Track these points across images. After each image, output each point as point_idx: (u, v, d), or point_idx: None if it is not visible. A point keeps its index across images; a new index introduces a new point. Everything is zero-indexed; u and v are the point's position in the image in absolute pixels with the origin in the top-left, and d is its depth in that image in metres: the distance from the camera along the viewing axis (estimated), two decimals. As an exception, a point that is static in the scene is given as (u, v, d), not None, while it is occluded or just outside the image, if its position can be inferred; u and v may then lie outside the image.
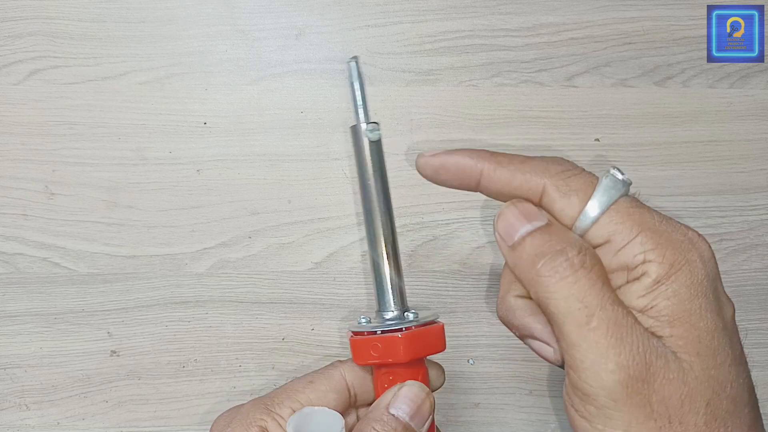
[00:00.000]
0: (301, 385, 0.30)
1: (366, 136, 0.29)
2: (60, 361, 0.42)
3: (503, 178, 0.26)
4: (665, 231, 0.24)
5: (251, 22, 0.40)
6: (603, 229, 0.24)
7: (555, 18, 0.41)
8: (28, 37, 0.40)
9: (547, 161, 0.26)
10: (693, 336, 0.22)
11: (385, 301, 0.30)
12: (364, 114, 0.30)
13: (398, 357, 0.28)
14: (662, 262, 0.23)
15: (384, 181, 0.30)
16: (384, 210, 0.30)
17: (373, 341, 0.29)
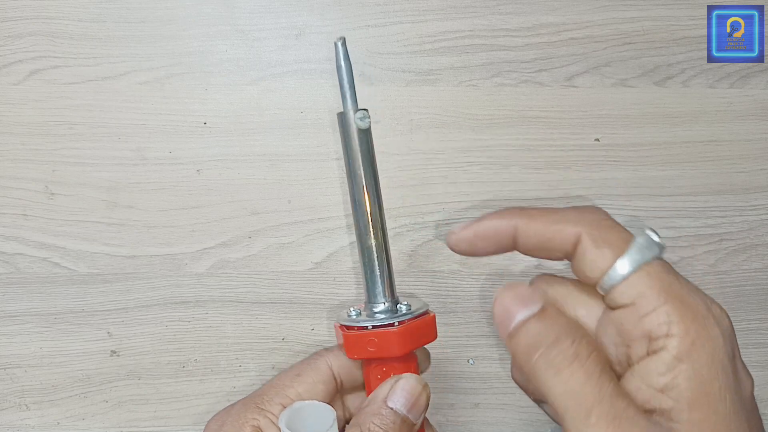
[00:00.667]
0: (289, 379, 0.30)
1: (355, 124, 0.28)
2: (60, 361, 0.42)
3: (538, 231, 0.26)
4: (691, 303, 0.23)
5: (251, 22, 0.40)
6: (631, 289, 0.23)
7: (555, 18, 0.41)
8: (28, 37, 0.40)
9: (581, 211, 0.26)
10: (711, 421, 0.22)
11: (375, 293, 0.30)
12: (352, 100, 0.29)
13: (394, 351, 0.28)
14: (684, 337, 0.22)
15: (374, 169, 0.29)
16: (373, 200, 0.29)
17: (368, 336, 0.28)
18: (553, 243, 0.26)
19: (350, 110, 0.29)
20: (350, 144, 0.29)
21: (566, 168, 0.42)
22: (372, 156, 0.29)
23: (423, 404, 0.29)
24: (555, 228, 0.25)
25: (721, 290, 0.44)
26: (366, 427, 0.27)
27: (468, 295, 0.43)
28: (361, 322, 0.29)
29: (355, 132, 0.28)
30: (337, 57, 0.29)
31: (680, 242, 0.44)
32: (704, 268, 0.44)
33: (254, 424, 0.28)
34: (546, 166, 0.42)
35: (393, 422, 0.27)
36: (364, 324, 0.29)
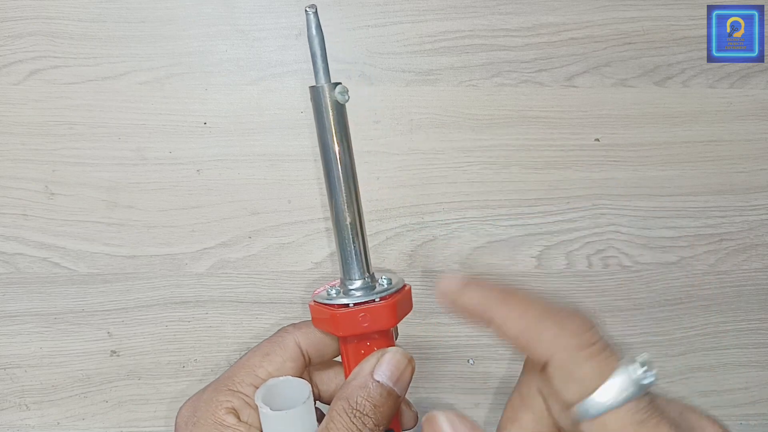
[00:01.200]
0: (258, 358, 0.30)
1: (335, 99, 0.27)
2: (60, 361, 0.42)
3: (511, 336, 0.24)
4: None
5: (251, 22, 0.40)
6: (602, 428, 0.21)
7: (555, 18, 0.41)
8: (28, 37, 0.40)
9: (562, 326, 0.22)
10: None
11: (354, 268, 0.29)
12: (325, 73, 0.28)
13: (386, 324, 0.29)
14: None
15: (349, 145, 0.29)
16: (349, 175, 0.29)
17: (359, 312, 0.28)
18: (526, 352, 0.24)
19: (325, 84, 0.28)
20: (326, 119, 0.28)
21: (566, 168, 0.42)
22: (347, 132, 0.29)
23: (408, 377, 0.29)
24: (527, 340, 0.23)
25: (721, 290, 0.44)
26: (354, 400, 0.27)
27: (468, 295, 0.43)
28: (353, 298, 0.29)
29: (331, 107, 0.28)
30: (308, 27, 0.27)
31: (680, 242, 0.44)
32: (704, 268, 0.44)
33: (228, 405, 0.28)
34: (546, 166, 0.42)
35: (380, 395, 0.27)
36: (359, 300, 0.28)
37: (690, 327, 0.45)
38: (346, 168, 0.29)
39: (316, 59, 0.28)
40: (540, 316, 0.23)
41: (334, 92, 0.28)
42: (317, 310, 0.30)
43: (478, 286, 0.26)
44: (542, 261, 0.43)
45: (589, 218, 0.43)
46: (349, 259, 0.30)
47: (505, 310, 0.24)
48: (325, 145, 0.28)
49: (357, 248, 0.29)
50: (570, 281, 0.43)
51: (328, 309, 0.29)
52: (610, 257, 0.43)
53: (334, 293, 0.30)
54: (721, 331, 0.45)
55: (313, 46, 0.27)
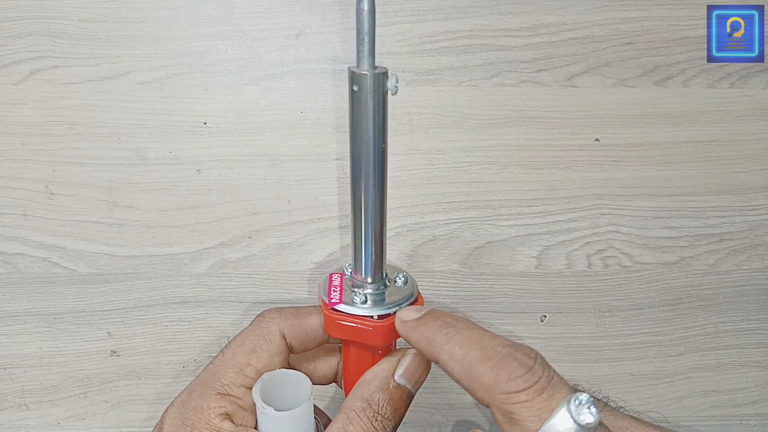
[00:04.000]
0: (244, 356, 0.28)
1: (385, 89, 0.24)
2: (60, 361, 0.42)
3: (455, 376, 0.24)
4: None
5: (251, 22, 0.40)
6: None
7: (555, 18, 0.41)
8: (28, 37, 0.39)
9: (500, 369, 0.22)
10: None
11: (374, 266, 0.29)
12: (371, 57, 0.24)
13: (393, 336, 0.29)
14: None
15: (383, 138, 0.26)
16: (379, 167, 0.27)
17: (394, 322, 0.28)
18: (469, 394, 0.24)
19: (373, 71, 0.24)
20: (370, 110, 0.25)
21: (566, 168, 0.42)
22: (385, 123, 0.26)
23: (423, 378, 0.29)
24: (468, 384, 0.23)
25: (721, 290, 0.44)
26: (375, 402, 0.27)
27: (468, 295, 0.43)
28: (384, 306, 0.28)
29: (378, 97, 0.25)
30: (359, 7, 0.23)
31: (680, 242, 0.44)
32: (704, 268, 0.44)
33: (221, 411, 0.27)
34: (546, 166, 0.42)
35: (400, 397, 0.27)
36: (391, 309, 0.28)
37: (690, 327, 0.45)
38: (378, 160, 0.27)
39: (362, 40, 0.24)
40: (481, 359, 0.23)
41: (386, 81, 0.24)
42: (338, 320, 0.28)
43: (428, 323, 0.25)
44: (542, 261, 0.43)
45: (589, 218, 0.43)
46: (369, 257, 0.28)
47: (449, 351, 0.24)
48: (358, 134, 0.25)
49: (380, 249, 0.29)
50: (570, 281, 0.43)
51: (363, 320, 0.28)
52: (610, 257, 0.43)
53: (358, 300, 0.28)
54: (721, 331, 0.45)
55: (362, 24, 0.24)
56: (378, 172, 0.27)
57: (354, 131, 0.26)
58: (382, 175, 0.27)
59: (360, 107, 0.25)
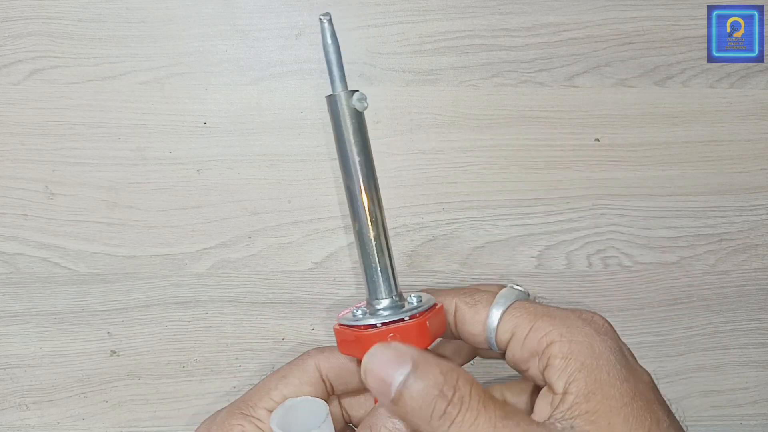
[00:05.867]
0: (274, 382, 0.29)
1: (354, 107, 0.26)
2: (60, 361, 0.42)
3: None
4: (558, 315, 0.26)
5: (251, 22, 0.40)
6: (506, 325, 0.27)
7: (555, 18, 0.41)
8: (28, 37, 0.39)
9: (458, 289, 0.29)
10: (605, 407, 0.23)
11: (380, 286, 0.28)
12: (342, 81, 0.26)
13: (419, 344, 0.26)
14: (561, 340, 0.25)
15: (369, 155, 0.27)
16: (372, 187, 0.27)
17: (387, 332, 0.26)
18: None
19: (343, 92, 0.26)
20: (345, 129, 0.26)
21: (566, 168, 0.42)
22: (367, 141, 0.27)
23: None
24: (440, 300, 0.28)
25: (721, 290, 0.44)
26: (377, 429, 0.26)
27: (468, 295, 0.43)
28: (380, 318, 0.27)
29: (350, 115, 0.26)
30: (323, 36, 0.26)
31: (680, 242, 0.44)
32: (704, 268, 0.44)
33: (239, 430, 0.28)
34: (546, 166, 0.42)
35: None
36: (387, 319, 0.26)
37: (690, 327, 0.45)
38: (368, 179, 0.27)
39: (331, 67, 0.27)
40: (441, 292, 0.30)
41: (351, 100, 0.26)
42: (342, 333, 0.28)
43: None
44: (542, 261, 0.43)
45: (589, 218, 0.43)
46: (375, 277, 0.28)
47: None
48: (345, 156, 0.27)
49: (383, 265, 0.28)
50: (570, 281, 0.43)
51: (354, 330, 0.27)
52: (610, 257, 0.43)
53: (359, 314, 0.28)
54: (721, 331, 0.45)
55: (329, 54, 0.27)
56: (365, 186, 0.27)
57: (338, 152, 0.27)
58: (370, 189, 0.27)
59: (338, 128, 0.26)
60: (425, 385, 0.24)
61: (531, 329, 0.26)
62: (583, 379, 0.24)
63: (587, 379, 0.24)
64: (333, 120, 0.27)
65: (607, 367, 0.24)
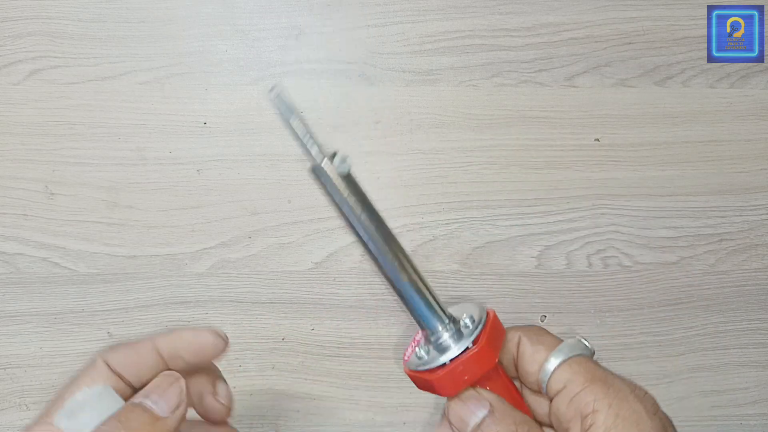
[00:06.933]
0: (66, 387, 0.29)
1: (338, 172, 0.25)
2: (60, 361, 0.42)
3: None
4: (614, 383, 0.26)
5: (251, 22, 0.40)
6: (562, 375, 0.27)
7: (555, 18, 0.41)
8: (28, 37, 0.40)
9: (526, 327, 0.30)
10: None
11: (432, 321, 0.28)
12: (317, 148, 0.25)
13: (489, 364, 0.27)
14: (608, 410, 0.25)
15: (373, 210, 0.26)
16: (389, 238, 0.27)
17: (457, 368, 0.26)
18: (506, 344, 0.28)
19: (324, 159, 0.25)
20: (338, 195, 0.26)
21: (566, 168, 0.42)
22: (365, 195, 0.26)
23: None
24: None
25: (721, 290, 0.44)
26: None
27: (468, 295, 0.43)
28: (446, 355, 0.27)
29: (341, 180, 0.25)
30: (281, 111, 0.25)
31: (680, 242, 0.44)
32: (704, 268, 0.44)
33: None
34: (546, 166, 0.42)
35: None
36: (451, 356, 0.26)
37: (690, 327, 0.45)
38: (382, 234, 0.26)
39: (301, 139, 0.25)
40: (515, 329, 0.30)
41: (334, 165, 0.25)
42: (416, 379, 0.28)
43: None
44: (542, 261, 0.43)
45: (589, 218, 0.43)
46: (423, 315, 0.28)
47: None
48: (350, 220, 0.26)
49: (426, 301, 0.28)
50: (570, 281, 0.43)
51: (426, 375, 0.27)
52: (610, 257, 0.43)
53: (424, 354, 0.27)
54: (722, 331, 0.45)
55: (294, 126, 0.25)
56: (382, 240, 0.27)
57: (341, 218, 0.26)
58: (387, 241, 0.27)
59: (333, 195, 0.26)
60: (497, 426, 0.26)
61: (583, 389, 0.26)
62: None
63: None
64: (325, 190, 0.26)
65: None
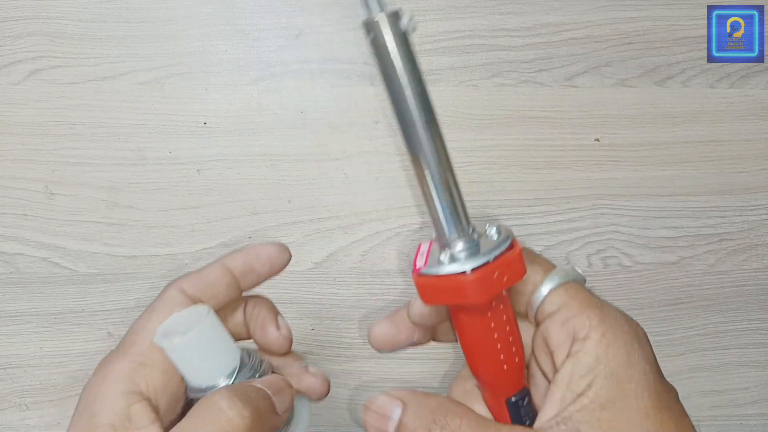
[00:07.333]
0: (143, 319, 0.28)
1: (404, 29, 0.23)
2: (60, 361, 0.42)
3: None
4: (608, 313, 0.25)
5: (251, 22, 0.40)
6: (558, 298, 0.26)
7: (555, 18, 0.41)
8: (28, 37, 0.39)
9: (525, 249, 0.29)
10: (622, 417, 0.23)
11: (458, 223, 0.26)
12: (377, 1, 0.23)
13: (521, 274, 0.25)
14: (601, 339, 0.24)
15: (422, 81, 0.25)
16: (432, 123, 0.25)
17: (493, 270, 0.24)
18: None
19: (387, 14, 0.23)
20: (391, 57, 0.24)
21: (566, 168, 0.42)
22: (418, 65, 0.24)
23: None
24: None
25: (721, 290, 0.44)
26: None
27: (468, 295, 0.43)
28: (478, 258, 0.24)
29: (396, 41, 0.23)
30: None
31: (680, 242, 0.44)
32: (704, 268, 0.44)
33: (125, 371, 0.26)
34: (546, 166, 0.42)
35: None
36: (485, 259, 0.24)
37: (690, 327, 0.45)
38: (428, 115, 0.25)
39: None
40: None
41: (399, 22, 0.23)
42: (432, 285, 0.25)
43: None
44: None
45: (589, 218, 0.43)
46: (451, 217, 0.26)
47: None
48: (395, 86, 0.24)
49: (456, 204, 0.26)
50: (570, 281, 0.43)
51: (457, 278, 0.24)
52: (610, 257, 0.43)
53: (445, 258, 0.25)
54: (722, 331, 0.45)
55: None
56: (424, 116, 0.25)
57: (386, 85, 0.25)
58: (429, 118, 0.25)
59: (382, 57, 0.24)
60: (414, 426, 0.25)
61: (578, 314, 0.25)
62: (606, 387, 0.23)
63: (611, 387, 0.23)
64: (376, 51, 0.24)
65: (638, 378, 0.24)
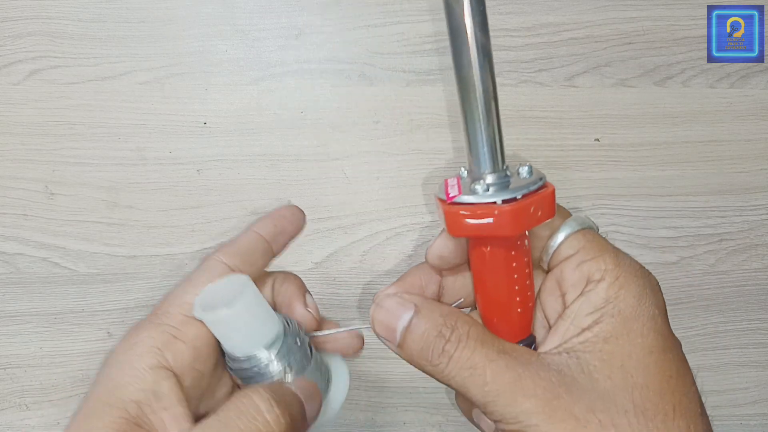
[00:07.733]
0: (182, 288, 0.28)
1: None
2: (60, 361, 0.42)
3: None
4: (624, 259, 0.26)
5: (251, 22, 0.40)
6: (574, 242, 0.27)
7: (555, 18, 0.41)
8: (28, 37, 0.39)
9: None
10: (624, 351, 0.24)
11: (494, 155, 0.27)
12: None
13: (551, 213, 0.26)
14: (614, 282, 0.25)
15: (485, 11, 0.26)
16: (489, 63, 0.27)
17: (530, 204, 0.25)
18: None
19: None
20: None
21: (566, 168, 0.42)
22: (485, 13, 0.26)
23: None
24: None
25: (721, 290, 0.44)
26: None
27: (468, 295, 0.43)
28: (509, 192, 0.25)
29: None
30: None
31: (680, 242, 0.44)
32: (704, 268, 0.44)
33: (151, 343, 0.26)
34: (546, 166, 0.42)
35: None
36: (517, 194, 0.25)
37: (690, 327, 0.45)
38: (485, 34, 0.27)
39: None
40: None
41: None
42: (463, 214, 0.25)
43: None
44: (542, 261, 0.43)
45: (589, 218, 0.43)
46: (490, 152, 0.26)
47: None
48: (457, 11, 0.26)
49: (496, 141, 0.27)
50: (570, 281, 0.43)
51: (492, 207, 0.24)
52: (610, 257, 0.43)
53: (480, 188, 0.25)
54: (722, 331, 0.45)
55: None
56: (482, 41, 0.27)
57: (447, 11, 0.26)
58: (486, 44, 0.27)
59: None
60: (425, 328, 0.25)
61: (594, 257, 0.26)
62: (612, 324, 0.24)
63: (617, 324, 0.24)
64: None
65: (645, 319, 0.24)
